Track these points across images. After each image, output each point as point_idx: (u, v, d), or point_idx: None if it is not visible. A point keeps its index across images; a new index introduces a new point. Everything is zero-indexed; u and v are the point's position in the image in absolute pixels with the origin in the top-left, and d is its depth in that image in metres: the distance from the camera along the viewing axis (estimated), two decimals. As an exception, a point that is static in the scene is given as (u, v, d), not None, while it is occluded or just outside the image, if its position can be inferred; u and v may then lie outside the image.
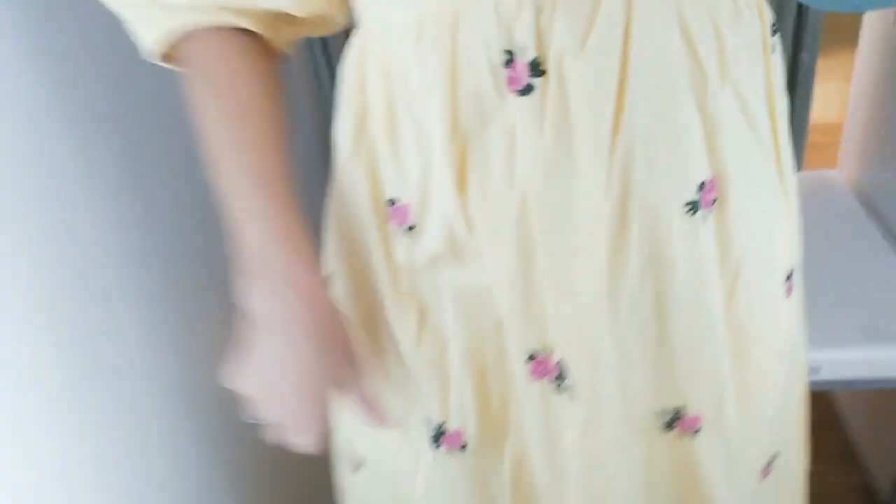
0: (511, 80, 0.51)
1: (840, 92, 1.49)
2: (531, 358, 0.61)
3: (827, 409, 1.58)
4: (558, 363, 0.60)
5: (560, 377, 0.61)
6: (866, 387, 1.09)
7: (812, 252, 1.24)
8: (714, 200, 0.56)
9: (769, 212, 0.62)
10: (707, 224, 0.57)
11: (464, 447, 0.66)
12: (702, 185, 0.55)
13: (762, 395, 0.67)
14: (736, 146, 0.56)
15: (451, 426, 0.65)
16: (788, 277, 0.68)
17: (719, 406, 0.64)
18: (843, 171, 1.45)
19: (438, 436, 0.65)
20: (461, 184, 0.54)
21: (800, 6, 1.32)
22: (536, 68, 0.50)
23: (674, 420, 0.65)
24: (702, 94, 0.53)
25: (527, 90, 0.51)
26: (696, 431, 0.65)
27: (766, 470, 0.73)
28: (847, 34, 1.43)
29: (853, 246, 1.24)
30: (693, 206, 0.55)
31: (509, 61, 0.50)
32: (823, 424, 1.55)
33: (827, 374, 1.07)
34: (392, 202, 0.58)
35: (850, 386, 1.09)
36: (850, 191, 1.38)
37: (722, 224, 0.58)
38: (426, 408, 0.65)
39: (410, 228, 0.58)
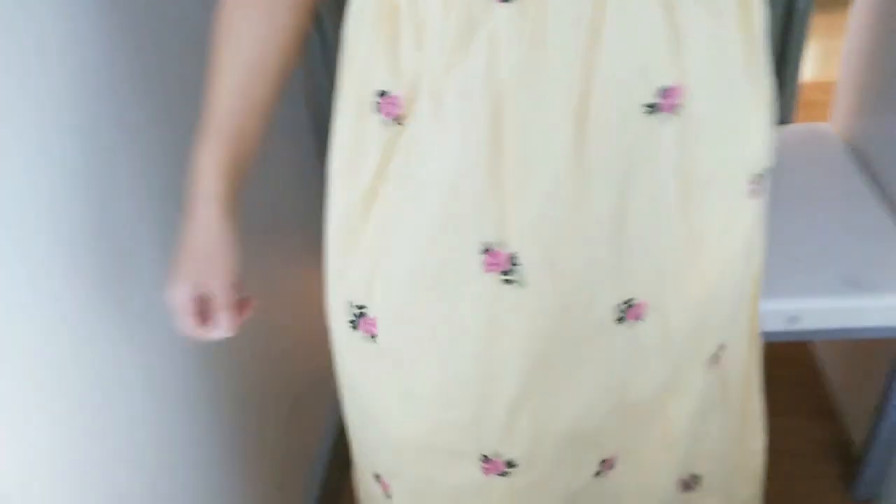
0: None
1: (838, 50, 1.46)
2: (486, 251, 0.64)
3: (806, 364, 1.59)
4: (511, 256, 0.63)
5: (511, 270, 0.64)
6: (845, 336, 1.09)
7: (800, 201, 1.23)
8: (676, 106, 0.60)
9: (737, 118, 0.64)
10: (668, 127, 0.60)
11: (374, 337, 0.71)
12: (664, 91, 0.59)
13: (713, 290, 0.71)
14: (704, 56, 0.59)
15: (370, 313, 0.70)
16: (755, 180, 0.70)
17: (663, 294, 0.69)
18: (834, 124, 1.42)
19: (355, 319, 0.72)
20: (446, 71, 0.58)
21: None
22: None
23: (625, 311, 0.69)
24: (671, 6, 0.57)
25: None
26: (640, 318, 0.69)
27: (714, 359, 0.78)
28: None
29: (841, 197, 1.23)
30: (653, 108, 0.59)
31: None
32: (802, 380, 1.55)
33: (807, 324, 1.06)
34: (383, 93, 0.62)
35: (830, 336, 1.09)
36: (841, 143, 1.36)
37: (684, 128, 0.61)
38: (351, 289, 0.71)
39: (396, 119, 0.62)
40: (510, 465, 0.75)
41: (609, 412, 0.75)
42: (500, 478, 0.76)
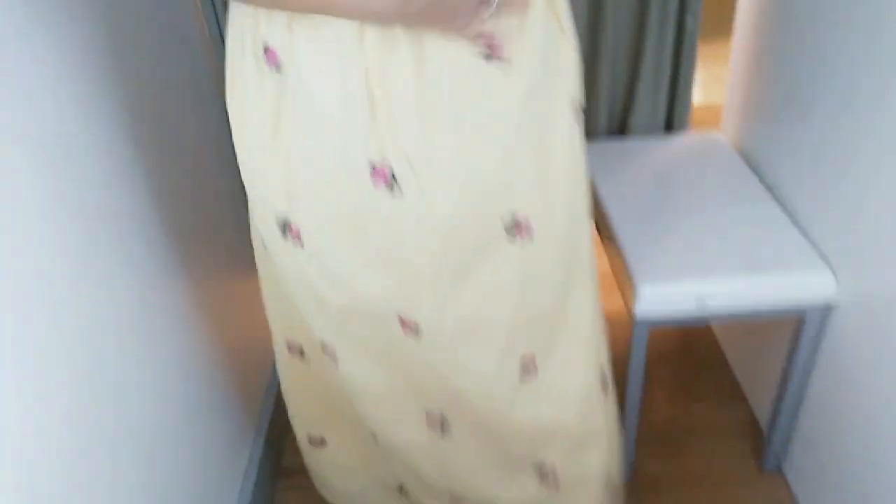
0: None
1: (721, 77, 1.62)
2: (373, 168, 0.77)
3: (713, 354, 1.71)
4: (391, 172, 0.77)
5: (394, 181, 0.77)
6: (749, 316, 1.19)
7: (699, 197, 1.35)
8: (500, 52, 0.74)
9: (555, 58, 0.80)
10: (501, 66, 0.74)
11: (300, 241, 0.84)
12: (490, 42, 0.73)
13: (570, 199, 0.87)
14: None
15: (294, 219, 0.82)
16: (576, 109, 0.85)
17: (546, 211, 0.84)
18: (724, 132, 1.57)
19: (284, 227, 0.84)
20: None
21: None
22: None
23: (512, 225, 0.83)
24: None
25: None
26: (531, 234, 0.84)
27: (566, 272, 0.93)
28: (727, 25, 1.55)
29: (734, 193, 1.35)
30: (486, 56, 0.74)
31: None
32: (711, 369, 1.67)
33: (713, 305, 1.16)
34: (265, 49, 0.74)
35: (735, 316, 1.19)
36: (731, 148, 1.50)
37: (510, 65, 0.75)
38: (273, 203, 0.82)
39: (278, 68, 0.74)
40: (418, 331, 0.88)
41: (505, 309, 0.88)
42: (415, 336, 0.89)
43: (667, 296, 1.16)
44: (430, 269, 0.83)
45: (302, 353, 1.09)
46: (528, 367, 0.94)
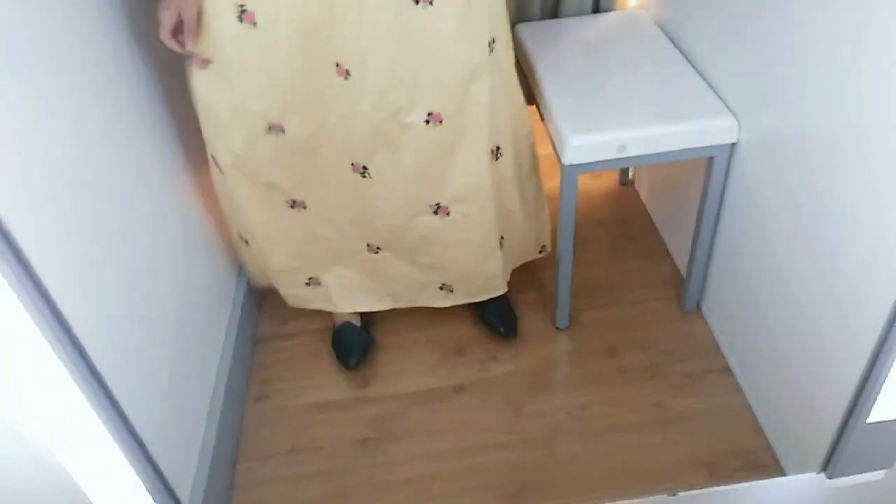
0: None
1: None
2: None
3: (640, 213, 1.88)
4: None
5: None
6: (664, 158, 1.34)
7: (623, 65, 1.48)
8: None
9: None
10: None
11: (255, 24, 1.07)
12: None
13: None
14: None
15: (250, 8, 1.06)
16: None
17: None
18: (648, 9, 1.69)
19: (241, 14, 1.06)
20: None
21: None
22: None
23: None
24: None
25: None
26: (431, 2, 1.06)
27: (490, 45, 1.16)
28: None
29: (655, 59, 1.48)
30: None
31: None
32: (639, 227, 1.85)
33: (633, 151, 1.30)
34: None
35: (651, 159, 1.34)
36: (653, 22, 1.63)
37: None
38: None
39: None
40: (347, 73, 1.12)
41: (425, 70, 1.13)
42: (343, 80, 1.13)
43: (591, 145, 1.29)
44: (355, 20, 1.07)
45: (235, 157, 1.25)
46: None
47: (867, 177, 0.95)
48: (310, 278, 1.48)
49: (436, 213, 1.31)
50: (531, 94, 1.49)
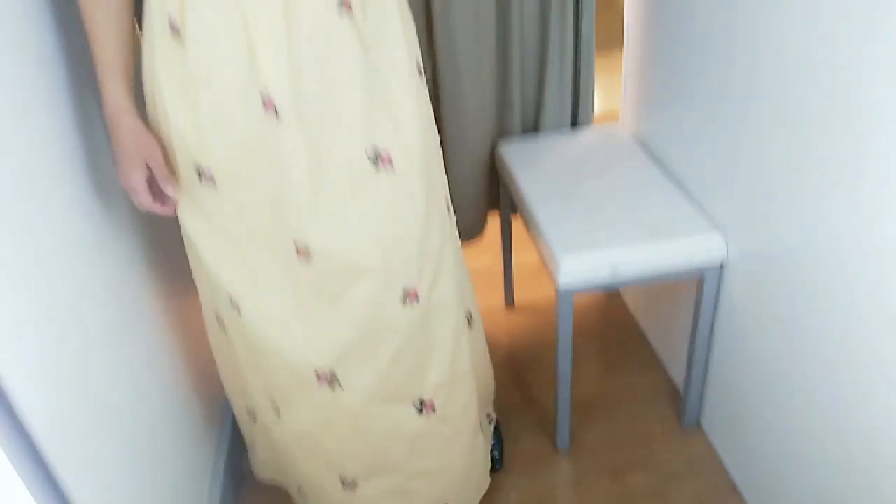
0: None
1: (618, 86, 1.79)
2: (263, 103, 0.94)
3: (629, 323, 1.86)
4: (274, 103, 0.93)
5: (277, 113, 0.94)
6: (658, 279, 1.33)
7: (605, 182, 1.49)
8: (350, 4, 0.93)
9: (393, 19, 0.99)
10: (352, 21, 0.94)
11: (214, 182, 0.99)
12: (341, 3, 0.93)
13: (426, 141, 1.06)
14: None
15: (204, 163, 0.98)
16: (419, 66, 1.06)
17: (401, 147, 1.01)
18: (623, 124, 1.73)
19: (200, 173, 0.99)
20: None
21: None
22: None
23: (375, 158, 1.01)
24: None
25: None
26: (392, 164, 1.01)
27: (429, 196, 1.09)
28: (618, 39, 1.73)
29: (636, 175, 1.50)
30: (340, 5, 0.92)
31: None
32: (629, 337, 1.82)
33: (626, 271, 1.29)
34: (170, 21, 0.92)
35: (644, 280, 1.33)
36: (630, 137, 1.67)
37: (359, 21, 0.94)
38: (190, 151, 0.98)
39: (177, 34, 0.91)
40: (309, 255, 1.03)
41: (393, 233, 1.04)
42: (306, 264, 1.03)
43: (585, 265, 1.28)
44: (310, 190, 0.99)
45: (221, 322, 1.16)
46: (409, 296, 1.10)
47: (856, 297, 0.95)
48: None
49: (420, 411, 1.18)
50: (513, 205, 1.48)
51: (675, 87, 1.43)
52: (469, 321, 1.23)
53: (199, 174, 1.00)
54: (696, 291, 1.38)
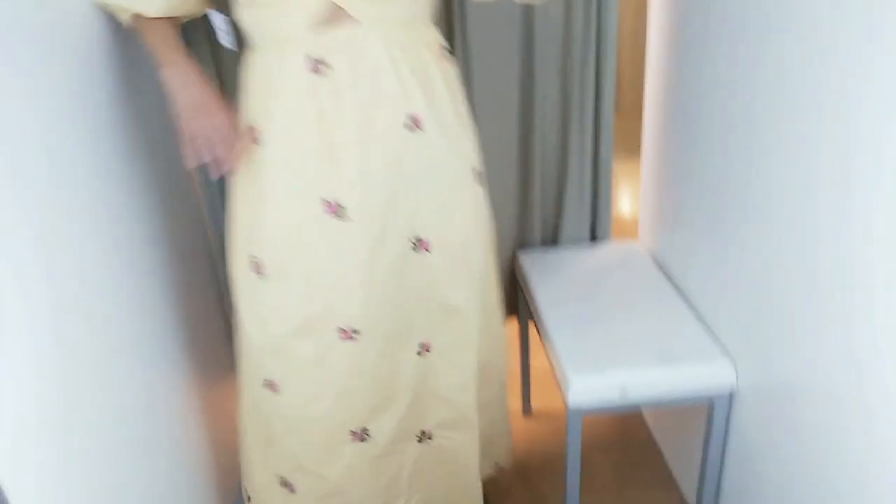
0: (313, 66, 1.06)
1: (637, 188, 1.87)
2: (324, 202, 1.10)
3: (645, 437, 1.86)
4: (338, 204, 1.10)
5: (340, 212, 1.11)
6: (668, 403, 1.35)
7: (620, 300, 1.54)
8: (420, 123, 1.11)
9: (451, 133, 1.16)
10: (418, 136, 1.12)
11: (262, 272, 1.15)
12: (410, 116, 1.10)
13: (469, 234, 1.23)
14: (434, 100, 1.12)
15: (258, 254, 1.15)
16: (475, 172, 1.22)
17: (441, 235, 1.19)
18: (642, 241, 1.79)
19: (252, 264, 1.16)
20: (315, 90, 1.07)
21: (596, 117, 1.68)
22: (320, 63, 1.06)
23: (416, 244, 1.18)
24: (420, 68, 1.10)
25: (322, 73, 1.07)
26: (429, 250, 1.19)
27: (478, 282, 1.28)
28: (637, 146, 1.82)
29: (650, 295, 1.55)
30: (408, 124, 1.10)
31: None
32: (643, 451, 1.82)
33: (634, 394, 1.32)
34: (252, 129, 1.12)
35: (656, 404, 1.36)
36: (647, 255, 1.72)
37: (425, 135, 1.12)
38: (245, 244, 1.16)
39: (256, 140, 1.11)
40: (356, 332, 1.19)
41: (420, 310, 1.23)
42: (351, 341, 1.19)
43: (595, 387, 1.32)
44: (359, 276, 1.14)
45: (261, 395, 1.27)
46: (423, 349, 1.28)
47: (871, 427, 0.96)
48: None
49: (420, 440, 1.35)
50: (529, 310, 1.54)
51: (692, 209, 1.49)
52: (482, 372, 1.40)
53: (253, 264, 1.15)
54: (706, 415, 1.39)
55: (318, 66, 1.05)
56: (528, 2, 1.17)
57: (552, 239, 1.85)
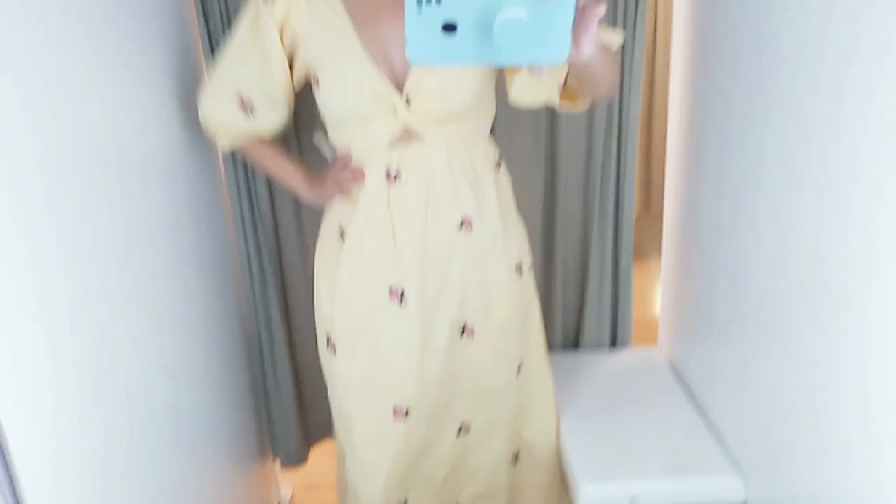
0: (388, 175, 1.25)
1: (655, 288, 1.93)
2: (390, 289, 1.28)
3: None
4: (402, 291, 1.28)
5: (402, 298, 1.28)
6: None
7: (634, 408, 1.59)
8: (470, 224, 1.28)
9: (496, 234, 1.32)
10: (468, 235, 1.28)
11: (335, 350, 1.35)
12: (463, 218, 1.27)
13: (507, 321, 1.37)
14: (484, 205, 1.29)
15: (331, 333, 1.35)
16: (519, 266, 1.38)
17: (484, 322, 1.35)
18: (661, 348, 1.84)
19: (326, 341, 1.37)
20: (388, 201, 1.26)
21: (616, 225, 1.78)
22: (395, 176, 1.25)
23: (462, 330, 1.35)
24: (473, 178, 1.27)
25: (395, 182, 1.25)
26: (473, 336, 1.35)
27: (518, 370, 1.44)
28: (656, 246, 1.91)
29: (665, 404, 1.59)
30: (460, 225, 1.27)
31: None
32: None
33: (645, 504, 1.35)
34: (340, 230, 1.32)
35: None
36: (665, 362, 1.77)
37: (473, 234, 1.29)
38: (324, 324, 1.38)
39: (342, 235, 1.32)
40: (408, 411, 1.34)
41: (462, 392, 1.38)
42: (403, 421, 1.35)
43: (605, 496, 1.35)
44: (414, 359, 1.31)
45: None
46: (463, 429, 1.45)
47: None
48: None
49: None
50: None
51: (709, 320, 1.54)
52: (516, 457, 1.55)
53: (328, 341, 1.35)
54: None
55: (392, 176, 1.24)
56: (571, 110, 1.37)
57: (573, 342, 1.91)
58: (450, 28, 0.66)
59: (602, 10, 0.71)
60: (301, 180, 1.36)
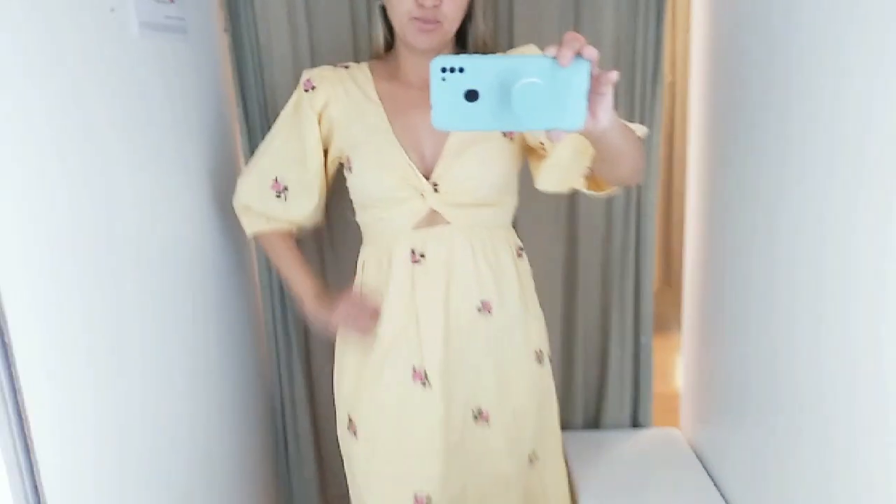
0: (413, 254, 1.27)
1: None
2: (413, 370, 1.28)
3: None
4: (424, 372, 1.27)
5: (425, 380, 1.27)
6: None
7: (653, 490, 1.57)
8: (490, 308, 1.28)
9: (516, 320, 1.33)
10: (487, 319, 1.29)
11: (356, 433, 1.33)
12: (482, 301, 1.28)
13: (523, 409, 1.36)
14: (504, 290, 1.30)
15: (352, 414, 1.34)
16: (538, 354, 1.37)
17: (499, 408, 1.33)
18: (683, 428, 1.83)
19: (348, 423, 1.35)
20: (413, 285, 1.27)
21: (636, 304, 1.80)
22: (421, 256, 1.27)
23: (477, 414, 1.33)
24: (495, 263, 1.29)
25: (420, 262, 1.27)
26: (487, 421, 1.33)
27: (531, 458, 1.40)
28: (676, 321, 1.92)
29: (685, 487, 1.58)
30: (480, 308, 1.28)
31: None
32: None
33: None
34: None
35: None
36: (686, 443, 1.76)
37: (493, 318, 1.30)
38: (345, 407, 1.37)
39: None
40: (429, 498, 1.31)
41: (475, 477, 1.35)
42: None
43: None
44: (436, 442, 1.29)
45: None
46: None
47: None
48: None
49: None
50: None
51: (727, 401, 1.55)
52: None
53: (349, 422, 1.33)
54: None
55: (418, 257, 1.27)
56: (598, 195, 1.31)
57: (594, 422, 1.91)
58: (472, 95, 0.70)
59: (615, 76, 0.73)
60: (311, 294, 1.35)
